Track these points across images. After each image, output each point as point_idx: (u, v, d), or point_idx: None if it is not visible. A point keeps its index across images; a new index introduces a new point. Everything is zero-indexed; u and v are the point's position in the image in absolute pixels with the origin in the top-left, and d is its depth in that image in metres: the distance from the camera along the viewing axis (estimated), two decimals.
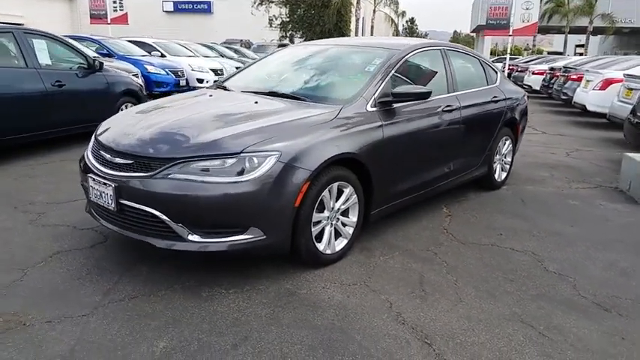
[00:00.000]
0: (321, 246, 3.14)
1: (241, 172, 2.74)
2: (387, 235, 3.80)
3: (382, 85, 3.57)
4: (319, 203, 3.05)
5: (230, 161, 2.76)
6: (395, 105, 3.60)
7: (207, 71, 14.65)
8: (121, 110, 7.13)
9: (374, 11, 32.30)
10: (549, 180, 5.77)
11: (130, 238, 2.95)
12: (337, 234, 3.29)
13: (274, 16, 31.45)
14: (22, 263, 3.14)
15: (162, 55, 14.11)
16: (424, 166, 4.01)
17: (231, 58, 18.91)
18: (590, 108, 9.94)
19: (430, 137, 3.94)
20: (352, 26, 29.84)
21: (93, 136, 3.39)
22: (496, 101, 4.84)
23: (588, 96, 10.03)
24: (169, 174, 2.75)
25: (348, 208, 3.30)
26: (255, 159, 2.78)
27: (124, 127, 3.19)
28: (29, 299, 2.72)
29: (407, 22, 70.78)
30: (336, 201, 3.20)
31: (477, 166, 4.76)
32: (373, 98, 3.49)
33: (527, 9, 17.36)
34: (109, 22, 20.34)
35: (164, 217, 2.74)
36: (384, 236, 3.79)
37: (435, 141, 4.03)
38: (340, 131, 3.17)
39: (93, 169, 3.05)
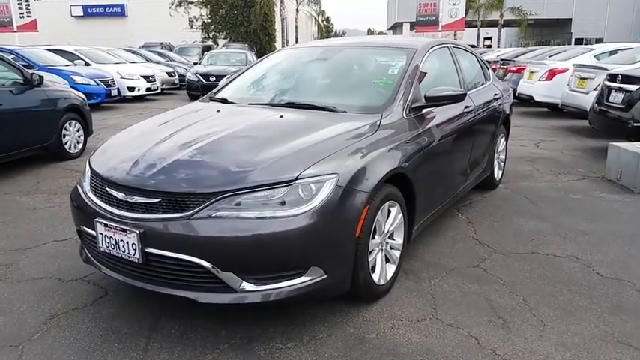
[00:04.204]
0: (375, 277, 2.75)
1: (298, 202, 2.28)
2: (421, 253, 3.48)
3: (413, 88, 3.23)
4: (372, 228, 2.65)
5: (283, 190, 2.29)
6: (424, 109, 3.28)
7: (138, 78, 13.69)
8: (65, 129, 6.27)
9: (297, 10, 32.05)
10: (537, 174, 5.72)
11: (156, 293, 2.39)
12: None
13: (195, 17, 30.34)
14: (11, 337, 2.47)
15: (87, 64, 12.94)
16: (451, 173, 3.73)
17: (158, 63, 17.88)
18: (537, 98, 10.23)
19: (456, 141, 3.66)
20: (277, 26, 29.39)
21: (87, 168, 2.76)
22: (496, 99, 4.67)
23: (534, 87, 10.32)
24: (213, 212, 2.23)
25: (394, 229, 2.93)
26: (312, 185, 2.33)
27: (133, 155, 2.59)
28: None
29: (323, 21, 71.56)
30: (385, 223, 2.82)
31: (484, 167, 4.57)
32: (407, 104, 3.14)
33: (454, 4, 17.83)
34: (15, 29, 18.44)
35: (210, 266, 2.22)
36: (419, 254, 3.45)
37: (460, 145, 3.76)
38: (387, 144, 2.79)
39: (101, 212, 2.44)
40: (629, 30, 40.50)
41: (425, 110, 3.29)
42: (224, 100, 3.56)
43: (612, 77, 6.50)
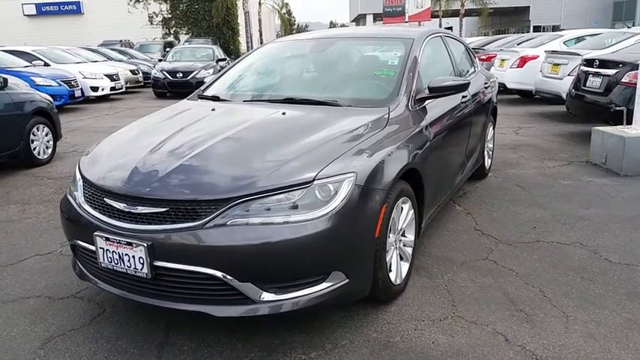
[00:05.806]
0: (392, 276, 2.63)
1: (316, 205, 2.14)
2: (427, 247, 3.39)
3: (415, 79, 3.12)
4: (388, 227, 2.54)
5: (299, 193, 2.14)
6: (427, 101, 3.18)
7: (101, 77, 13.19)
8: (33, 134, 5.91)
9: (260, 3, 31.57)
10: (523, 161, 5.74)
11: (165, 309, 2.21)
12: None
13: (154, 12, 29.48)
14: None
15: (46, 64, 12.34)
16: (453, 164, 3.65)
17: (120, 61, 17.29)
18: (510, 86, 10.33)
19: (456, 132, 3.58)
20: (240, 20, 28.87)
21: (78, 177, 2.53)
22: (486, 87, 4.63)
23: (506, 74, 10.41)
24: (227, 220, 2.06)
25: (405, 226, 2.82)
26: (330, 186, 2.19)
27: (131, 161, 2.39)
28: None
29: (285, 14, 71.00)
30: (399, 220, 2.71)
31: (477, 156, 4.52)
32: (411, 96, 3.03)
33: None
34: None
35: (227, 277, 2.05)
36: (425, 248, 3.37)
37: (459, 135, 3.69)
38: (398, 139, 2.68)
39: (101, 224, 2.23)
40: (584, 17, 41.73)
41: (427, 102, 3.19)
42: (215, 98, 3.36)
43: (589, 62, 6.57)
